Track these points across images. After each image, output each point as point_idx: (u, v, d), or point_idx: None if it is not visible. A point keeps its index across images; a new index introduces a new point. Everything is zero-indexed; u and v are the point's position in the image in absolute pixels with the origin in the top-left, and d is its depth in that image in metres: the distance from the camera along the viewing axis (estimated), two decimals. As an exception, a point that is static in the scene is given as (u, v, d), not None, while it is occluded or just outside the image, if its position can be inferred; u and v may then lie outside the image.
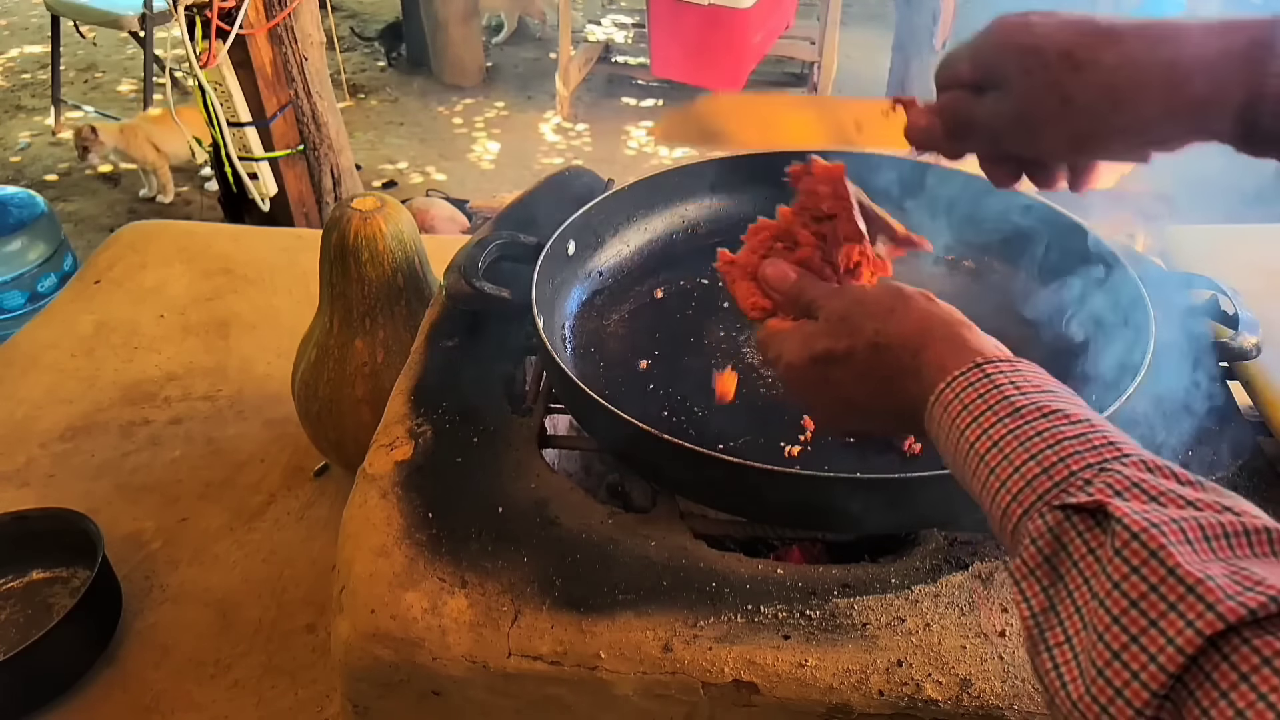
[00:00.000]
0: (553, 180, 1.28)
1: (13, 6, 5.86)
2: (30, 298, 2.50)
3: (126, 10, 3.74)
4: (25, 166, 4.06)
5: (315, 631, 1.16)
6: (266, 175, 2.71)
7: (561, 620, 0.74)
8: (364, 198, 1.19)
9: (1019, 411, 0.49)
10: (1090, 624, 0.40)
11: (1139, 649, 0.37)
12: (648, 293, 1.08)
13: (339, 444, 1.26)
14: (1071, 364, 0.89)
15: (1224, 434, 0.89)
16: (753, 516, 0.87)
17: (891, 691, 0.69)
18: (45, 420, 1.48)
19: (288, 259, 1.83)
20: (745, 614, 0.74)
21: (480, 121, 4.52)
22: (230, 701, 1.09)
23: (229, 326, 1.68)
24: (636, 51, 4.81)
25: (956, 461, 0.51)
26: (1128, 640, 0.38)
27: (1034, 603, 0.43)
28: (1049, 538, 0.43)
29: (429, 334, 1.03)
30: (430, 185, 3.90)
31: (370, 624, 0.75)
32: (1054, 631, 0.42)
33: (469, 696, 0.76)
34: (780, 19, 4.19)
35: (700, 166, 1.15)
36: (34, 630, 1.06)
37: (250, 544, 1.28)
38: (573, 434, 1.05)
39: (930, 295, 0.62)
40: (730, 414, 0.90)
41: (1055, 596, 0.42)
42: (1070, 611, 0.41)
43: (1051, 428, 0.47)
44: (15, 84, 4.84)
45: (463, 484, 0.85)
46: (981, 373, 0.52)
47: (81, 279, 1.79)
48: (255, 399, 1.53)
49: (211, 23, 2.32)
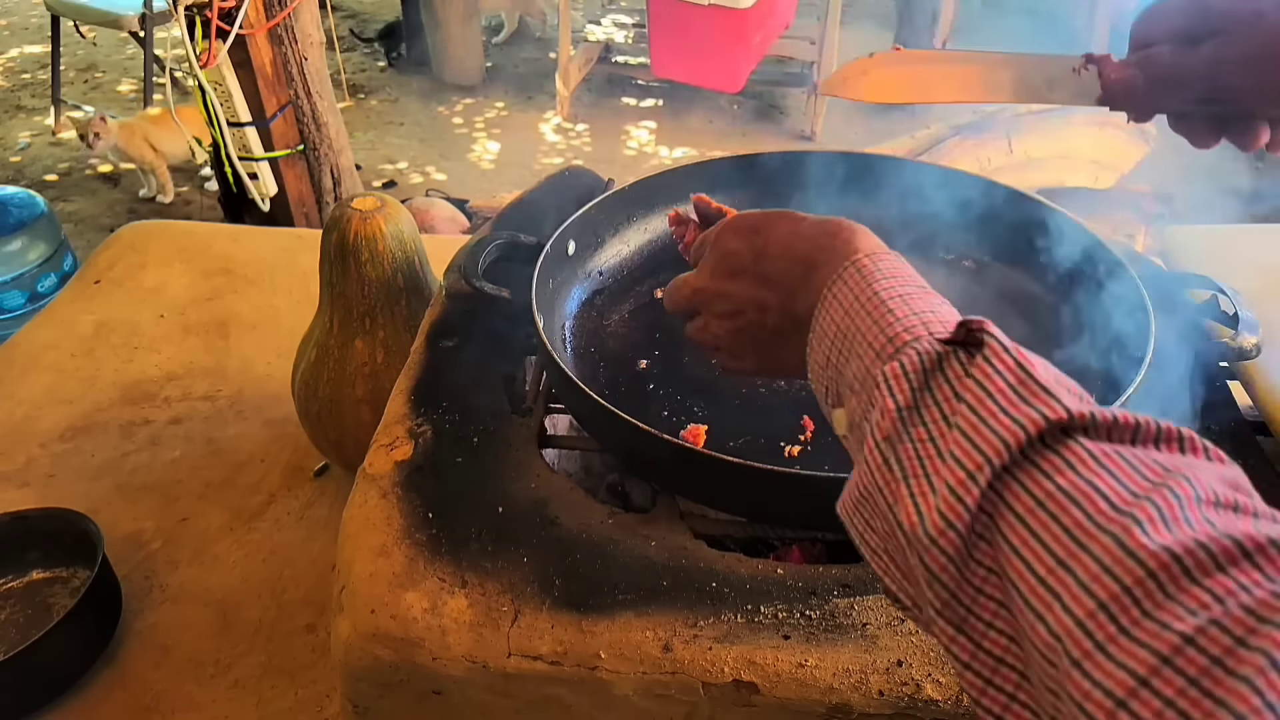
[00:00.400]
0: (553, 180, 1.28)
1: (13, 6, 5.86)
2: (30, 298, 2.50)
3: (126, 10, 3.74)
4: (25, 166, 4.06)
5: (315, 631, 1.16)
6: (266, 175, 2.71)
7: (561, 620, 0.74)
8: (364, 198, 1.19)
9: (919, 284, 0.53)
10: (951, 419, 0.42)
11: (989, 430, 0.39)
12: (648, 293, 1.08)
13: (339, 444, 1.26)
14: (1072, 364, 0.89)
15: (1224, 434, 0.89)
16: (753, 516, 0.87)
17: (891, 691, 0.69)
18: (45, 420, 1.48)
19: (288, 259, 1.83)
20: (745, 614, 0.74)
21: (480, 121, 4.51)
22: (230, 701, 1.09)
23: (229, 326, 1.68)
24: (636, 51, 4.81)
25: (843, 333, 0.52)
26: (978, 422, 0.40)
27: (900, 398, 0.44)
28: (932, 356, 0.45)
29: (429, 334, 1.03)
30: (430, 185, 3.90)
31: (370, 624, 0.75)
32: (917, 429, 0.43)
33: (469, 696, 0.76)
34: (780, 19, 4.19)
35: (700, 166, 1.15)
36: (34, 630, 1.06)
37: (250, 544, 1.28)
38: (573, 434, 1.05)
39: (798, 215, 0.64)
40: (730, 414, 0.90)
41: (921, 400, 0.44)
42: (934, 414, 0.43)
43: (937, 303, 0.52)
44: (15, 84, 4.84)
45: (463, 484, 0.85)
46: (856, 268, 0.54)
47: (81, 279, 1.79)
48: (255, 399, 1.53)
49: (211, 23, 2.32)
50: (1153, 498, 0.35)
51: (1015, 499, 0.38)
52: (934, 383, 0.44)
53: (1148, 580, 0.32)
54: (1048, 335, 0.96)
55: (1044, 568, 0.35)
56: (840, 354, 0.52)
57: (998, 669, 0.39)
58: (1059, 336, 0.94)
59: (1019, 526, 0.37)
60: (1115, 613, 0.32)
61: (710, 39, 3.77)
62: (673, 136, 4.34)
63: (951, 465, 0.40)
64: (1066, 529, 0.35)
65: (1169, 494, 0.35)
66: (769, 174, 1.11)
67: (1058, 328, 0.96)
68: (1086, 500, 0.36)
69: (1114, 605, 0.32)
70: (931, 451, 0.42)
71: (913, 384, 0.44)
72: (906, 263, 0.56)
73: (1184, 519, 0.34)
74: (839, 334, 0.52)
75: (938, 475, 0.41)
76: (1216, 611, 0.30)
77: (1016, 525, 0.37)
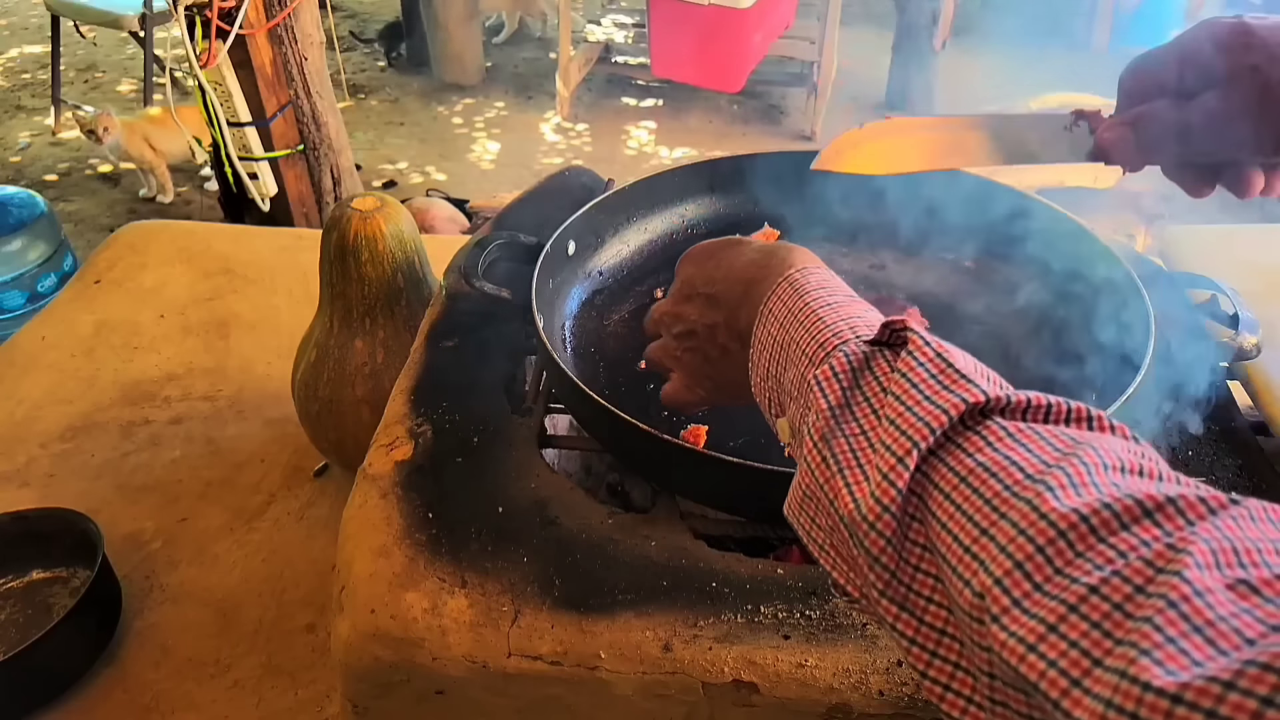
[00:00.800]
0: (553, 180, 1.28)
1: (13, 6, 5.86)
2: (30, 298, 2.50)
3: (126, 10, 3.74)
4: (25, 166, 4.06)
5: (315, 631, 1.16)
6: (266, 175, 2.71)
7: (561, 620, 0.74)
8: (364, 198, 1.19)
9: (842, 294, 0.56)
10: (880, 412, 0.45)
11: (914, 417, 0.42)
12: (648, 293, 1.08)
13: (339, 444, 1.26)
14: (1071, 364, 0.89)
15: (1224, 434, 0.89)
16: (753, 516, 0.87)
17: (891, 691, 0.69)
18: (45, 420, 1.48)
19: (288, 259, 1.83)
20: (745, 614, 0.74)
21: (480, 121, 4.51)
22: (230, 701, 1.09)
23: (229, 326, 1.68)
24: (636, 51, 4.81)
25: (779, 344, 0.55)
26: (904, 410, 0.43)
27: (831, 398, 0.47)
28: (859, 356, 0.48)
29: (429, 334, 1.03)
30: (430, 185, 3.90)
31: (370, 624, 0.75)
32: (849, 425, 0.46)
33: (469, 696, 0.76)
34: (780, 19, 4.19)
35: (700, 166, 1.15)
36: (34, 630, 1.06)
37: (250, 544, 1.28)
38: (573, 434, 1.05)
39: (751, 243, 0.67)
40: (731, 414, 0.90)
41: (852, 397, 0.47)
42: (864, 409, 0.46)
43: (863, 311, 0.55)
44: (15, 84, 4.84)
45: (463, 484, 0.85)
46: (788, 282, 0.57)
47: (81, 279, 1.79)
48: (255, 399, 1.53)
49: (211, 23, 2.32)
50: (1063, 465, 0.37)
51: (941, 478, 0.41)
52: (863, 381, 0.47)
53: (1059, 540, 0.35)
54: (1047, 336, 0.96)
55: (968, 537, 0.38)
56: (778, 364, 0.55)
57: (940, 640, 0.41)
58: (1058, 337, 0.94)
59: (945, 502, 0.40)
60: (1029, 570, 0.35)
61: (710, 39, 3.77)
62: (673, 136, 4.34)
63: (882, 453, 0.42)
64: (987, 500, 0.38)
65: (1078, 462, 0.38)
66: (769, 174, 1.11)
67: (1057, 328, 0.96)
68: (1004, 472, 0.39)
69: (1029, 564, 0.35)
70: (864, 444, 0.44)
71: (843, 384, 0.47)
72: (835, 275, 0.59)
73: (1092, 483, 0.37)
74: (775, 345, 0.55)
75: (870, 464, 0.43)
76: (1119, 565, 0.33)
77: (943, 501, 0.40)
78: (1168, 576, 0.32)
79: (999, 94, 3.80)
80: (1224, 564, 0.32)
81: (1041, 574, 0.35)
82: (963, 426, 0.42)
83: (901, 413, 0.43)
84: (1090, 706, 0.31)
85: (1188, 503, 0.34)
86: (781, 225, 1.07)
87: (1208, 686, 0.28)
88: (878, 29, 4.56)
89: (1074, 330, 0.94)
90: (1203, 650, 0.29)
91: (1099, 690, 0.31)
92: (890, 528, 0.41)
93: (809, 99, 4.34)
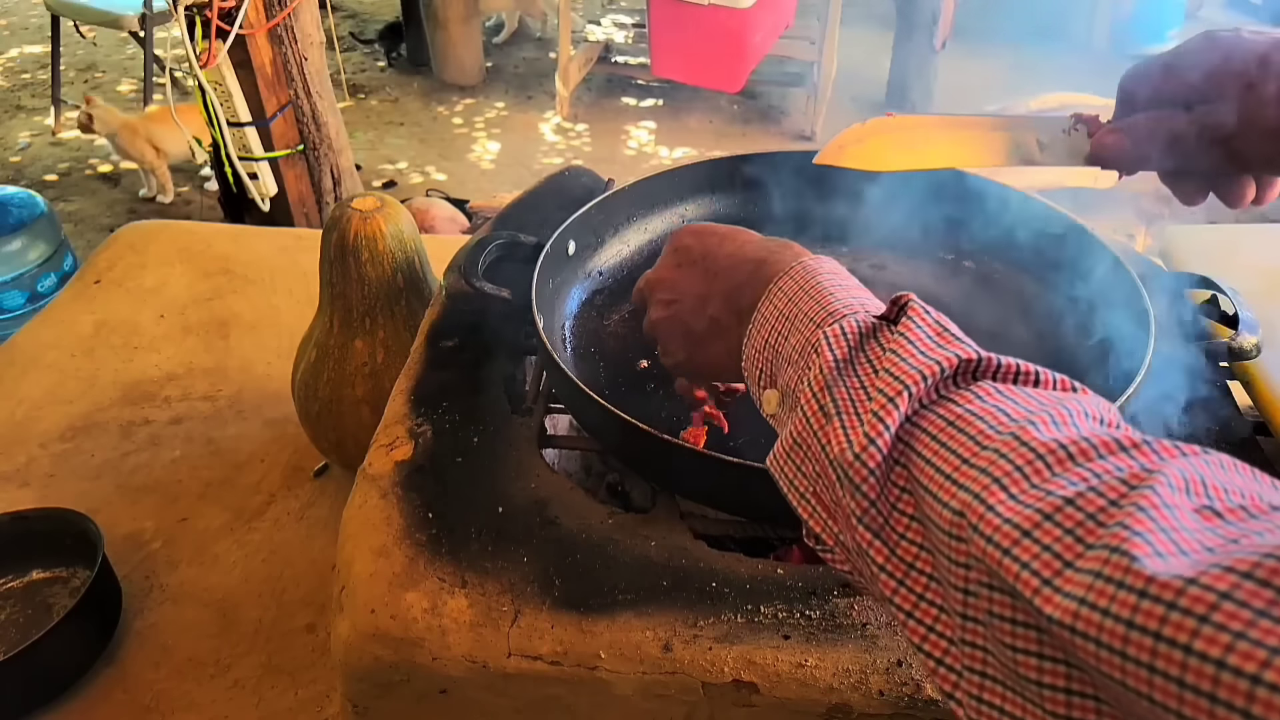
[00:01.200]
0: (553, 180, 1.28)
1: (13, 6, 5.86)
2: (30, 298, 2.50)
3: (126, 10, 3.74)
4: (25, 166, 4.06)
5: (315, 631, 1.16)
6: (266, 175, 2.71)
7: (561, 620, 0.74)
8: (364, 198, 1.19)
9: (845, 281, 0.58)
10: (879, 366, 0.47)
11: (909, 366, 0.45)
12: (648, 293, 1.08)
13: (339, 444, 1.26)
14: (1070, 364, 0.89)
15: (1224, 434, 0.89)
16: (753, 516, 0.87)
17: (891, 691, 0.69)
18: (45, 420, 1.48)
19: (288, 259, 1.83)
20: (745, 614, 0.74)
21: (480, 121, 4.51)
22: (230, 701, 1.09)
23: (229, 326, 1.68)
24: (636, 51, 4.81)
25: (784, 315, 0.57)
26: (900, 361, 0.46)
27: (837, 352, 0.49)
28: (868, 324, 0.50)
29: (429, 334, 1.03)
30: (430, 185, 3.90)
31: (370, 624, 0.75)
32: (850, 379, 0.48)
33: (469, 696, 0.76)
34: (780, 19, 4.19)
35: (700, 166, 1.15)
36: (34, 630, 1.06)
37: (250, 544, 1.28)
38: (573, 434, 1.05)
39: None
40: (731, 414, 0.90)
41: (855, 357, 0.49)
42: (865, 366, 0.48)
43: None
44: (15, 84, 4.84)
45: (463, 484, 0.85)
46: (802, 265, 0.59)
47: (81, 279, 1.79)
48: (255, 399, 1.53)
49: (211, 23, 2.32)
50: (1048, 410, 0.40)
51: (929, 424, 0.43)
52: (867, 344, 0.50)
53: (1036, 461, 0.37)
54: (1047, 335, 0.96)
55: (949, 466, 0.40)
56: (779, 334, 0.57)
57: (909, 573, 0.43)
58: (1058, 337, 0.95)
59: (930, 442, 0.42)
60: (1006, 484, 0.37)
61: (710, 39, 3.77)
62: (673, 136, 4.34)
63: (876, 396, 0.45)
64: (971, 437, 0.41)
65: (1062, 409, 0.41)
66: (768, 174, 1.11)
67: (1057, 328, 0.96)
68: (990, 416, 0.41)
69: (1006, 479, 0.38)
70: (861, 394, 0.47)
71: (850, 343, 0.50)
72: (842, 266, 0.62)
73: (1073, 424, 0.40)
74: (780, 317, 0.57)
75: (864, 407, 0.45)
76: (1094, 482, 0.35)
77: (928, 441, 0.43)
78: (1140, 491, 0.34)
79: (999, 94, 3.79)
80: (1193, 492, 0.34)
81: (1018, 487, 0.37)
82: (954, 384, 0.45)
83: (897, 363, 0.46)
84: (1061, 604, 0.33)
85: (1162, 446, 0.37)
86: (781, 225, 1.07)
87: (1170, 581, 0.30)
88: (878, 29, 4.56)
89: (1073, 330, 0.94)
90: (1169, 548, 0.31)
91: (1076, 585, 0.33)
92: (875, 460, 0.43)
93: (809, 99, 4.34)
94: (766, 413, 0.57)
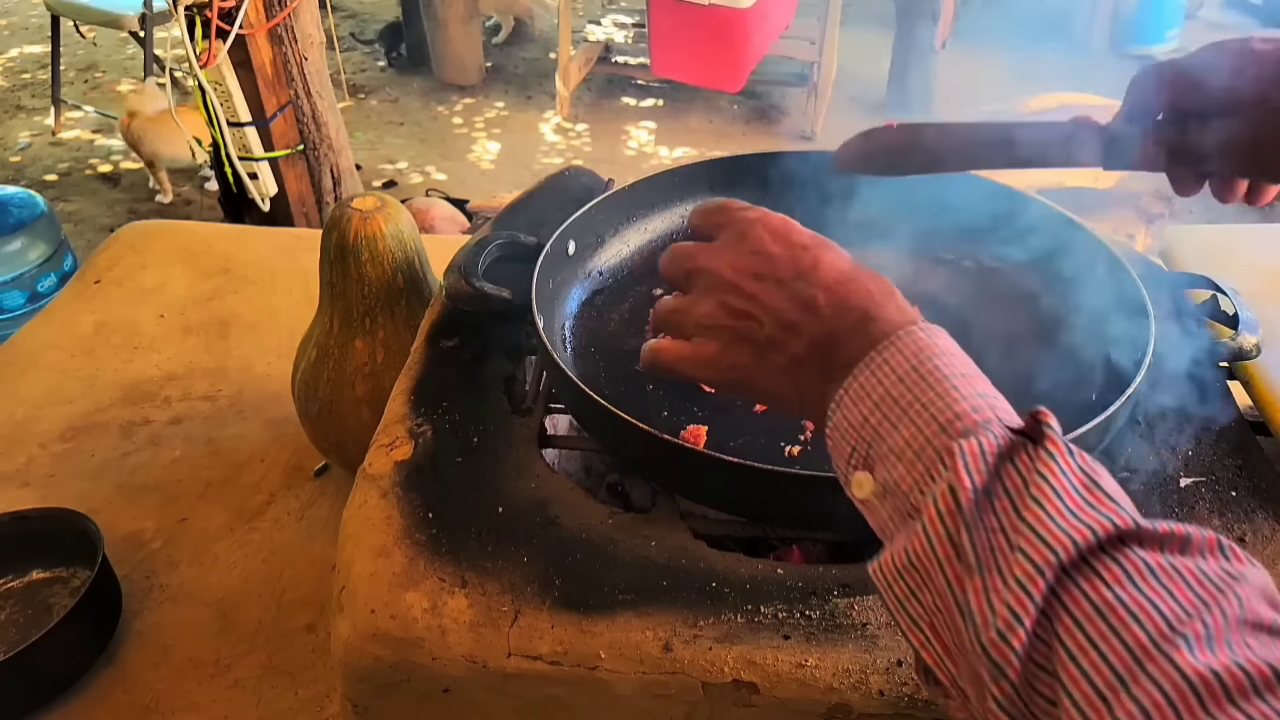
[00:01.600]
0: (553, 180, 1.28)
1: (13, 6, 5.86)
2: (30, 298, 2.50)
3: (126, 10, 3.74)
4: (25, 166, 4.06)
5: (315, 631, 1.16)
6: (266, 175, 2.71)
7: (561, 620, 0.74)
8: (364, 198, 1.19)
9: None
10: (1023, 512, 0.43)
11: (1057, 528, 0.41)
12: (647, 293, 1.08)
13: (339, 444, 1.26)
14: (1071, 364, 0.89)
15: (1224, 434, 0.89)
16: (753, 516, 0.87)
17: (891, 691, 0.69)
18: (45, 420, 1.48)
19: (288, 259, 1.83)
20: (745, 614, 0.74)
21: (480, 121, 4.52)
22: (230, 701, 1.09)
23: (229, 326, 1.68)
24: (636, 51, 4.81)
25: (894, 399, 0.51)
26: (1046, 518, 0.42)
27: (977, 479, 0.44)
28: (1007, 442, 0.46)
29: (429, 334, 1.03)
30: (430, 185, 3.90)
31: (370, 624, 0.75)
32: (989, 517, 0.44)
33: (469, 696, 0.76)
34: (780, 19, 4.19)
35: (700, 166, 1.15)
36: (34, 630, 1.06)
37: (250, 544, 1.28)
38: (573, 434, 1.05)
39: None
40: (731, 414, 0.90)
41: (993, 487, 0.45)
42: (1004, 503, 0.44)
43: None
44: (15, 84, 4.85)
45: (463, 484, 0.85)
46: (913, 338, 0.53)
47: (81, 279, 1.79)
48: (255, 399, 1.53)
49: (211, 23, 2.32)
50: (1203, 616, 0.38)
51: (1074, 603, 0.40)
52: (1004, 471, 0.45)
53: (1190, 696, 0.35)
54: (1047, 336, 0.96)
55: (1101, 680, 0.38)
56: (885, 419, 0.51)
57: None
58: (1058, 337, 0.94)
59: (1077, 632, 0.39)
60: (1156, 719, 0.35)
61: (710, 39, 3.77)
62: (673, 136, 4.34)
63: (1020, 561, 0.41)
64: (1124, 641, 0.38)
65: (1217, 612, 0.38)
66: (769, 174, 1.11)
67: (1057, 328, 0.96)
68: (1143, 613, 0.38)
69: (1155, 713, 0.36)
70: (1003, 543, 0.43)
71: (988, 466, 0.45)
72: (954, 341, 0.55)
73: (1227, 641, 0.37)
74: (887, 398, 0.51)
75: (1007, 569, 0.42)
76: None
77: (1075, 630, 0.39)
78: None
79: (999, 94, 3.79)
80: None
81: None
82: (1101, 551, 0.41)
83: (1042, 519, 0.42)
84: None
85: None
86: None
87: None
88: (878, 29, 4.56)
89: (1074, 330, 0.93)
90: None
91: None
92: (1020, 641, 0.40)
93: (809, 99, 4.34)
94: (855, 496, 0.53)
